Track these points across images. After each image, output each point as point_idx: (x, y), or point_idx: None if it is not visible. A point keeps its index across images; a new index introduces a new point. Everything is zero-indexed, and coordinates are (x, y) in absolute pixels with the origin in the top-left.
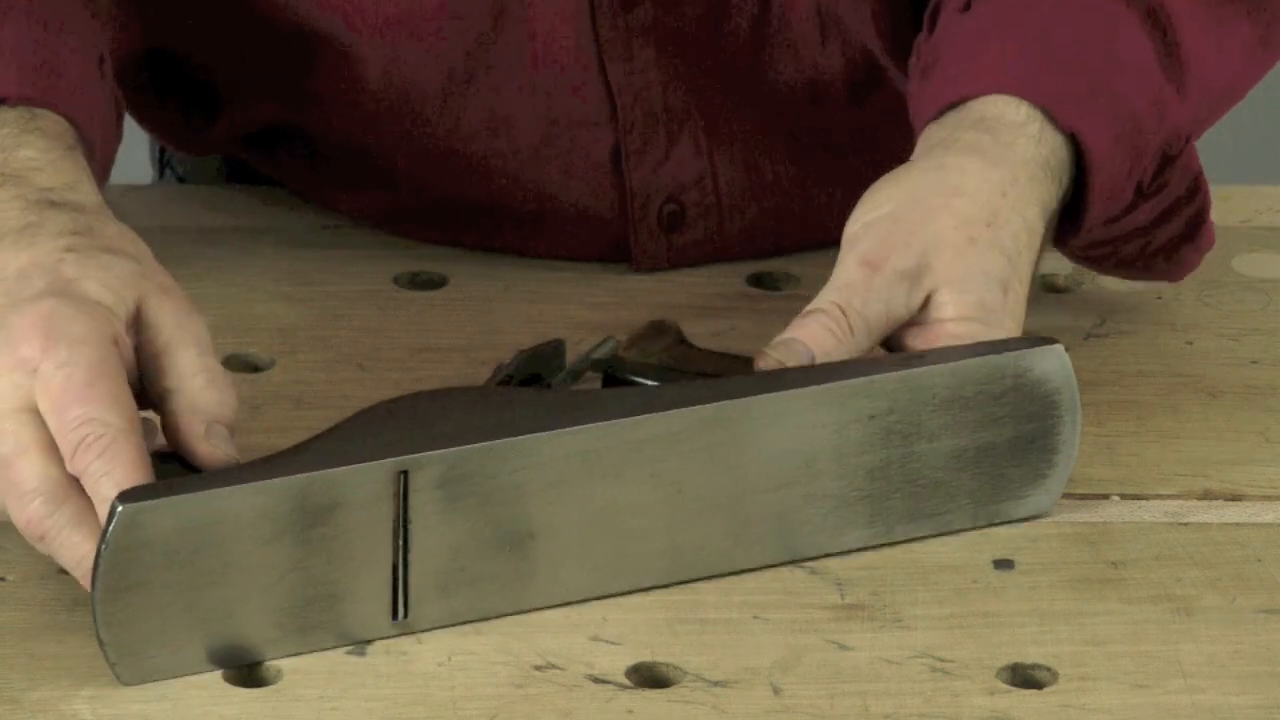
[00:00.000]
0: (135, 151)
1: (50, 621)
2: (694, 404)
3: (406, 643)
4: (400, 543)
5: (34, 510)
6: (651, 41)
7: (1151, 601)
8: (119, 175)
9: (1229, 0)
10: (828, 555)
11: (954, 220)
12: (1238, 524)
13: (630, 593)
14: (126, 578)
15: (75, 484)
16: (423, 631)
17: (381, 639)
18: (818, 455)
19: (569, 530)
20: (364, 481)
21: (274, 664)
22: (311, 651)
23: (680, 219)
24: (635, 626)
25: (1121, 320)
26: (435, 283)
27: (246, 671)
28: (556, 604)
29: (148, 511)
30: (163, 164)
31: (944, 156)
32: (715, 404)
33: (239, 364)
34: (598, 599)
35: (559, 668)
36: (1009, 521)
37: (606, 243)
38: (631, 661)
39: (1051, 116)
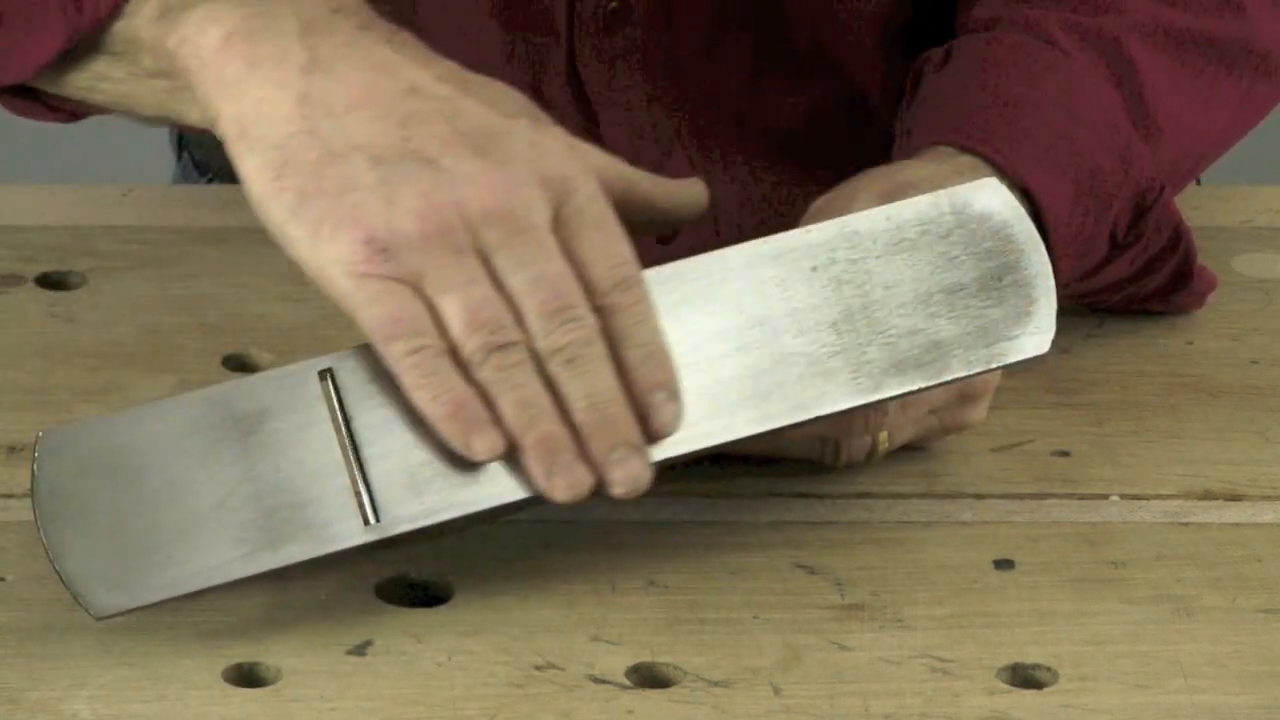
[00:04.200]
0: (155, 136)
1: (50, 621)
2: None
3: (406, 642)
4: (349, 443)
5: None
6: (637, 65)
7: (1151, 601)
8: (136, 166)
9: (1205, 56)
10: (817, 419)
11: (899, 182)
12: (1238, 524)
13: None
14: (66, 505)
15: None
16: (402, 534)
17: (358, 545)
18: (769, 314)
19: None
20: (288, 385)
21: (274, 664)
22: (287, 564)
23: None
24: (635, 626)
25: (1121, 320)
26: None
27: (246, 671)
28: (536, 492)
29: (70, 433)
30: (180, 147)
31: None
32: (652, 269)
33: (238, 364)
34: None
35: (559, 668)
36: (1008, 365)
37: None
38: (631, 661)
39: (1005, 171)
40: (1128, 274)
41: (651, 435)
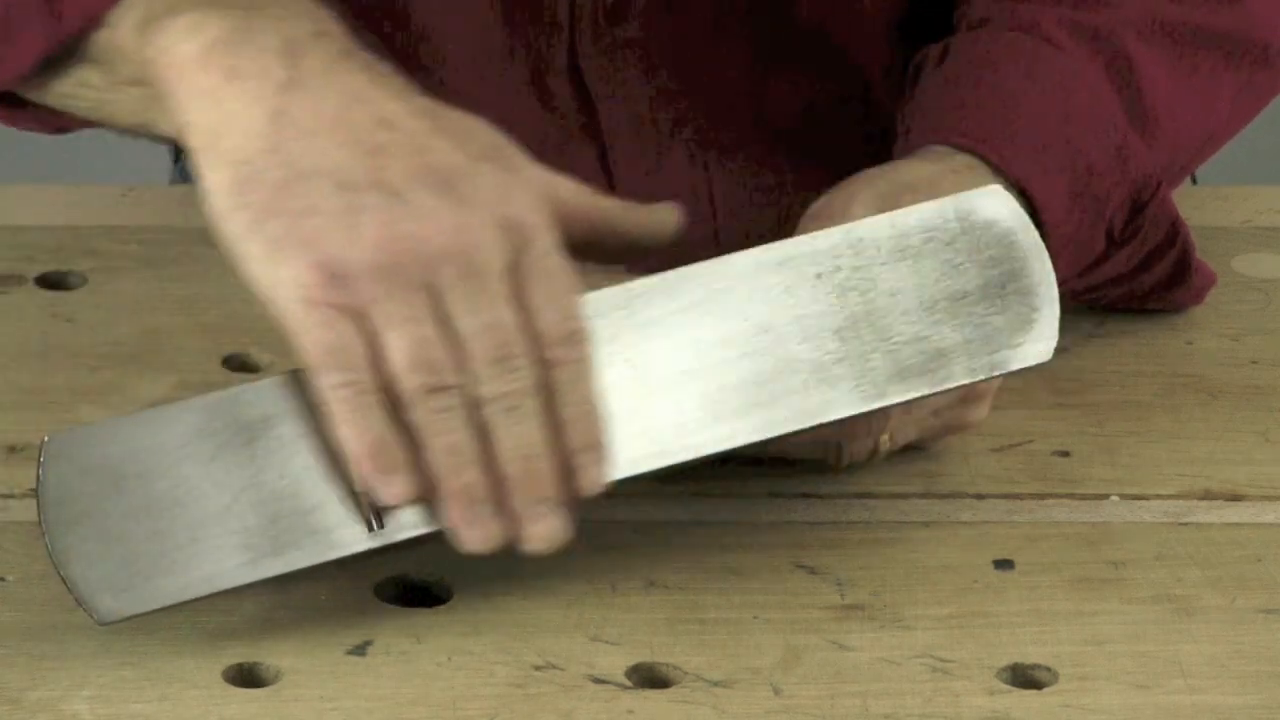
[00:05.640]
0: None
1: (50, 621)
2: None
3: (406, 642)
4: None
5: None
6: (637, 57)
7: (1151, 601)
8: (136, 166)
9: (1203, 48)
10: (819, 425)
11: (897, 183)
12: (1238, 524)
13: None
14: (71, 510)
15: None
16: (404, 540)
17: (361, 551)
18: (774, 320)
19: None
20: (293, 391)
21: (274, 664)
22: (292, 570)
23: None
24: (635, 626)
25: (1121, 320)
26: None
27: (246, 671)
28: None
29: (75, 438)
30: (179, 150)
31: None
32: (657, 275)
33: (238, 364)
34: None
35: (559, 668)
36: (1010, 373)
37: None
38: (631, 661)
39: (1002, 171)
40: (1125, 269)
41: (574, 495)
